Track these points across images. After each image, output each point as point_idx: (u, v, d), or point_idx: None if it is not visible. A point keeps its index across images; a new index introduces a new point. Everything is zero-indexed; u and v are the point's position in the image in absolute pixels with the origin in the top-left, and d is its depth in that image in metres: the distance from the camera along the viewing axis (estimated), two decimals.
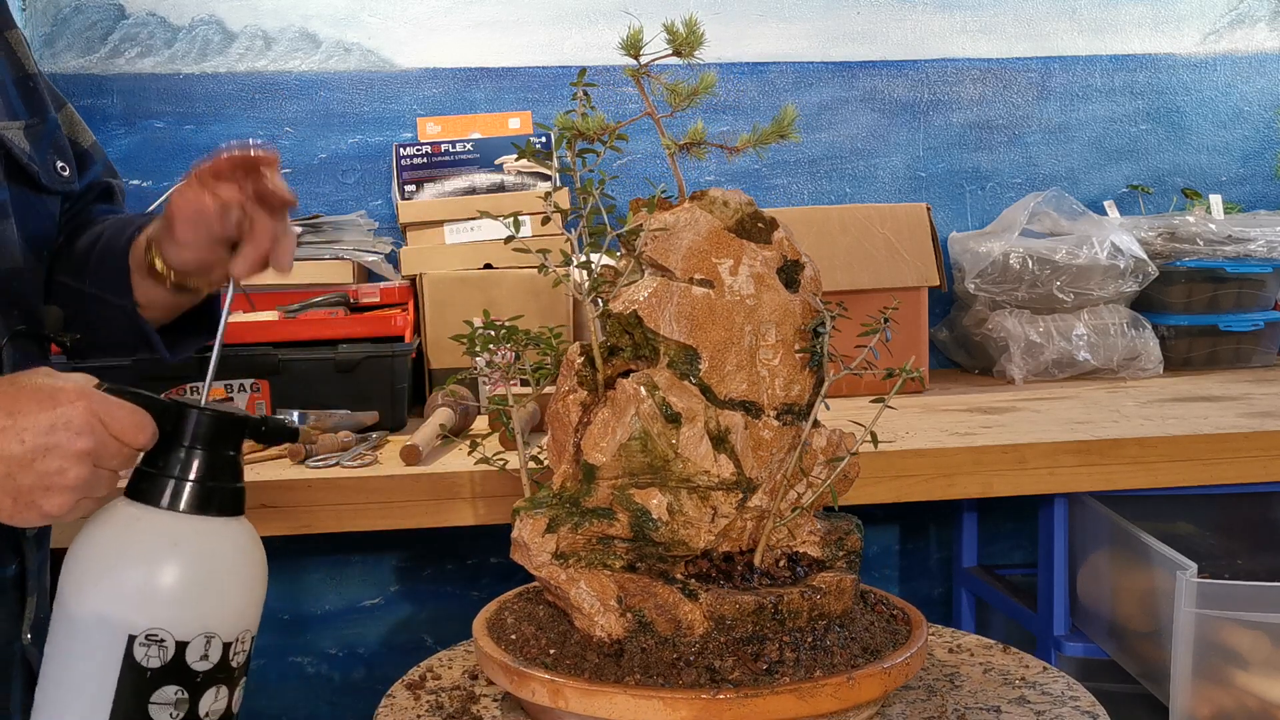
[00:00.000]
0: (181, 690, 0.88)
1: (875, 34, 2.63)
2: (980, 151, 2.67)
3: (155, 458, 0.92)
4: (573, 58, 2.47)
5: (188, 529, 0.90)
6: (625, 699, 0.98)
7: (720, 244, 1.10)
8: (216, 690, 0.91)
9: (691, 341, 1.08)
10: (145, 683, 0.87)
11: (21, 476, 0.88)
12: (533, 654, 1.08)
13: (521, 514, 1.10)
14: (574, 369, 1.12)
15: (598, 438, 1.07)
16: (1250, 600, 1.64)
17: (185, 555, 0.90)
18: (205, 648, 0.89)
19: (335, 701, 2.47)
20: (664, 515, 1.06)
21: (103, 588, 0.89)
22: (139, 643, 0.87)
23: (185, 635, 0.88)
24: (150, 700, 0.87)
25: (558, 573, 1.08)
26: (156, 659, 0.87)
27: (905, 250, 2.23)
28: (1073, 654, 1.91)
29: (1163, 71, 2.72)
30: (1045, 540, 1.92)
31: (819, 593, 1.10)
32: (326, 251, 2.12)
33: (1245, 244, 2.39)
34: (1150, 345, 2.37)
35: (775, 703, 0.97)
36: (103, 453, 0.89)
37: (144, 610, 0.88)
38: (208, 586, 0.90)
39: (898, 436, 1.75)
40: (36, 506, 0.88)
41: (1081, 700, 1.16)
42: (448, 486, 1.57)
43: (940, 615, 2.51)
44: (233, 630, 0.91)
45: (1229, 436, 1.75)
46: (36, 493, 0.88)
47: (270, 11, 2.45)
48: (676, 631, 1.05)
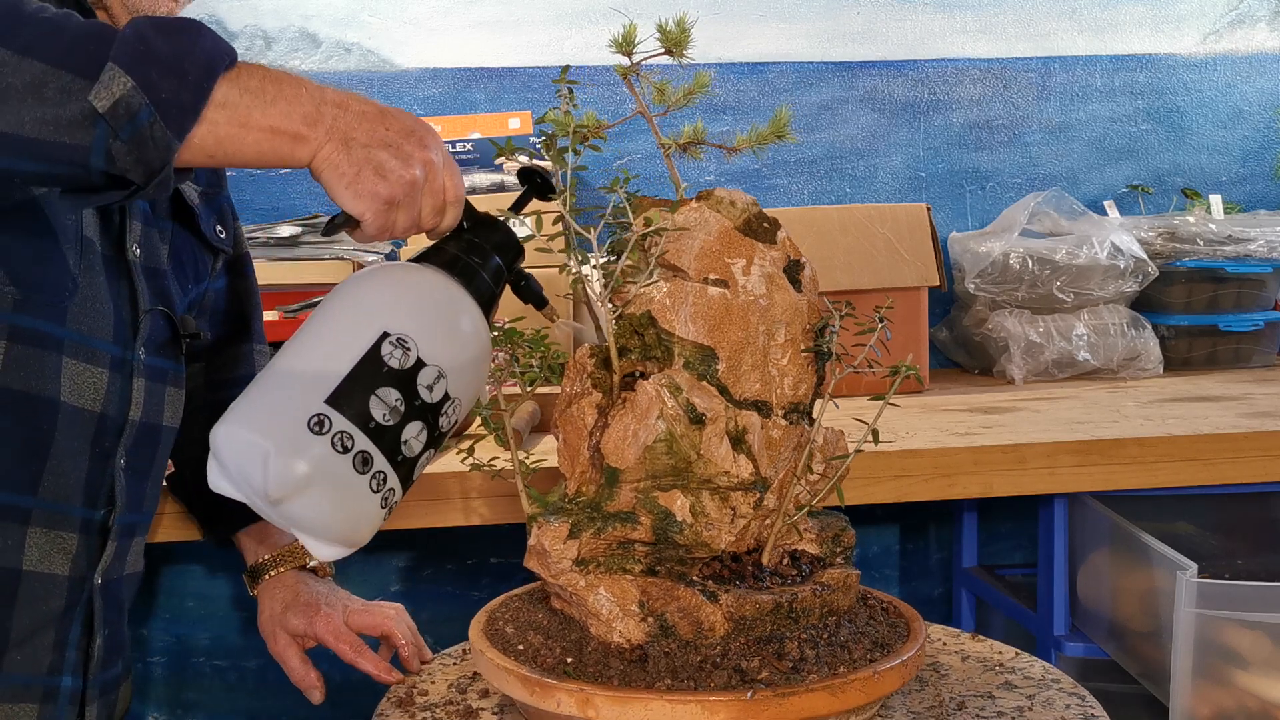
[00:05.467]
0: (401, 400, 0.95)
1: (875, 34, 2.63)
2: (980, 151, 2.67)
3: (469, 245, 1.04)
4: (573, 58, 2.47)
5: (469, 304, 1.02)
6: (661, 705, 0.97)
7: (732, 244, 1.10)
8: (421, 428, 0.97)
9: (709, 342, 1.07)
10: (379, 375, 0.95)
11: (369, 151, 0.96)
12: (549, 664, 1.05)
13: (539, 521, 1.07)
14: (586, 371, 1.10)
15: (620, 441, 1.05)
16: (1250, 600, 1.64)
17: (466, 320, 1.01)
18: (433, 381, 0.97)
19: (335, 701, 2.46)
20: (688, 517, 1.05)
21: (379, 292, 1.00)
22: (389, 341, 0.95)
23: (426, 358, 0.97)
24: (375, 392, 0.94)
25: (576, 580, 1.05)
26: (396, 361, 0.95)
27: (905, 250, 2.23)
28: (1073, 654, 1.91)
29: (1163, 71, 2.72)
30: (1045, 540, 1.92)
31: (828, 589, 1.10)
32: (326, 251, 2.11)
33: (1245, 244, 2.39)
34: (1150, 345, 2.37)
35: (809, 700, 0.98)
36: (433, 183, 0.99)
37: (406, 322, 0.97)
38: (462, 345, 1.00)
39: (898, 436, 1.75)
40: (365, 180, 0.95)
41: (1063, 682, 1.20)
42: (447, 487, 1.57)
43: (940, 615, 2.51)
44: (456, 389, 0.99)
45: (1229, 436, 1.75)
46: (371, 168, 0.96)
47: (270, 11, 2.45)
48: (698, 634, 1.04)
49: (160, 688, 2.39)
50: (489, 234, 1.05)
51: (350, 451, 0.93)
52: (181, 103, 0.90)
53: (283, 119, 0.93)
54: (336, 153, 0.95)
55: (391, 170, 0.96)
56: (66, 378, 1.13)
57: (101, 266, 1.16)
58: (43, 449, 1.12)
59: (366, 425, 0.94)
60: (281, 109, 0.93)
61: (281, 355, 0.98)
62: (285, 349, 0.98)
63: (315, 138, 0.94)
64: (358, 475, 0.94)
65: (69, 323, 1.12)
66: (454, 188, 1.01)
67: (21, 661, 1.13)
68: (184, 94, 0.90)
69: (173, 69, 0.89)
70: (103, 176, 0.91)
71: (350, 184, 0.95)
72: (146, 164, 0.90)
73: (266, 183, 2.44)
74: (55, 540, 1.15)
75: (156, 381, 1.24)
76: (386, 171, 0.96)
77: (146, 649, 2.39)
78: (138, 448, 1.23)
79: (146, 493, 1.27)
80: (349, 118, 0.96)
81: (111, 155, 0.89)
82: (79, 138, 0.88)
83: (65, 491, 1.15)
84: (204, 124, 0.91)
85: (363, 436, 0.93)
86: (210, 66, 0.91)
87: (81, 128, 0.88)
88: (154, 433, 1.25)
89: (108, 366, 1.17)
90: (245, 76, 0.93)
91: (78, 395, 1.14)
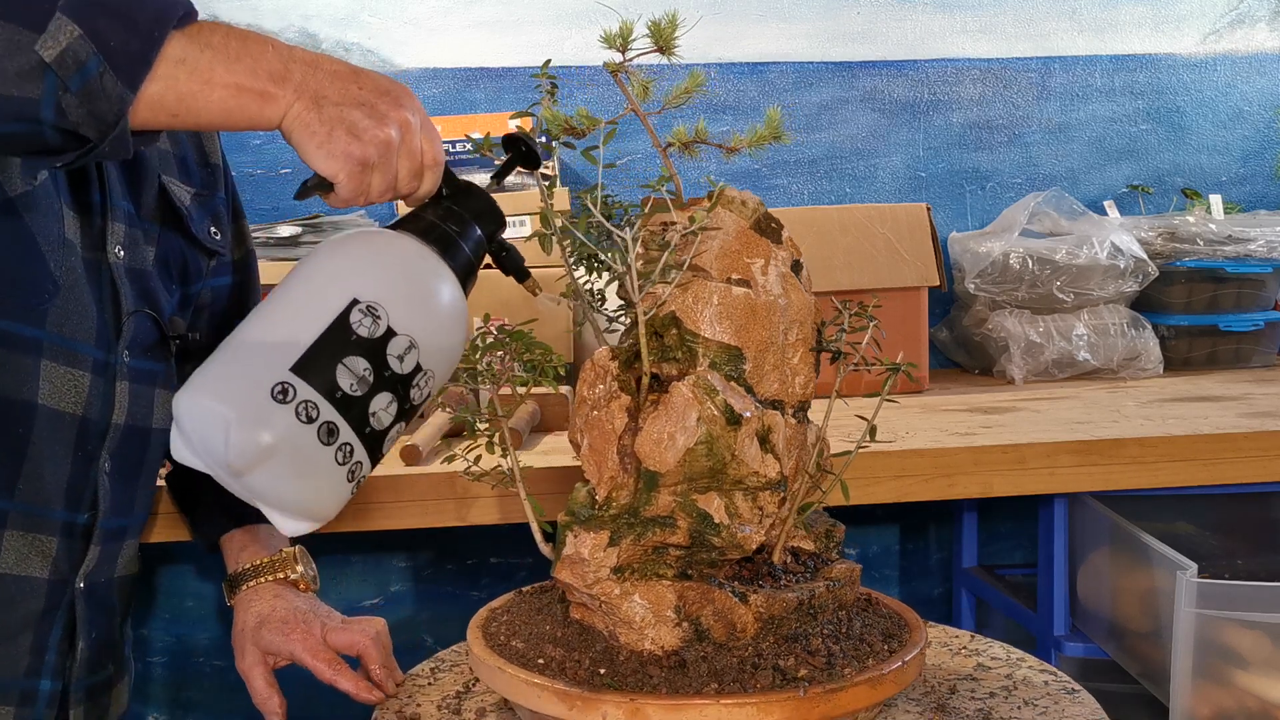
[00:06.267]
0: (370, 371, 0.92)
1: (875, 34, 2.63)
2: (980, 151, 2.67)
3: (447, 212, 1.00)
4: (573, 58, 2.46)
5: (445, 273, 0.98)
6: (718, 709, 0.96)
7: (749, 244, 1.09)
8: (391, 399, 0.94)
9: (737, 342, 1.06)
10: (348, 344, 0.91)
11: (342, 109, 0.92)
12: (581, 676, 1.02)
13: (575, 529, 1.05)
14: (612, 374, 1.08)
15: (657, 444, 1.03)
16: (1250, 600, 1.64)
17: (443, 290, 0.97)
18: (404, 351, 0.94)
19: (335, 701, 2.46)
20: (725, 519, 1.04)
21: (351, 258, 0.96)
22: (359, 308, 0.92)
23: (397, 328, 0.93)
24: (342, 360, 0.91)
25: (611, 588, 1.03)
26: (365, 330, 0.92)
27: (905, 250, 2.23)
28: (1073, 654, 1.91)
29: (1163, 71, 2.72)
30: (1045, 540, 1.92)
31: (839, 584, 1.12)
32: None
33: (1245, 244, 2.39)
34: (1150, 345, 2.37)
35: (853, 694, 0.99)
36: (409, 144, 0.94)
37: (378, 289, 0.93)
38: (436, 315, 0.97)
39: (898, 436, 1.75)
40: (338, 140, 0.92)
41: (1029, 660, 1.24)
42: (448, 487, 1.57)
43: (940, 615, 2.51)
44: (429, 361, 0.96)
45: (1229, 436, 1.75)
46: (344, 128, 0.92)
47: (270, 11, 2.45)
48: (730, 636, 1.04)
49: (160, 688, 2.39)
50: (469, 202, 1.02)
51: (315, 422, 0.90)
52: (131, 51, 0.86)
53: (248, 76, 0.89)
54: (307, 111, 0.91)
55: (365, 129, 0.92)
56: (45, 381, 1.12)
57: (83, 269, 1.14)
58: (19, 452, 1.11)
59: (333, 395, 0.90)
60: (247, 65, 0.90)
61: (248, 322, 0.95)
62: (252, 315, 0.96)
63: (284, 96, 0.91)
64: (323, 447, 0.91)
65: (49, 325, 1.11)
66: (432, 151, 0.97)
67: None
68: (133, 42, 0.86)
69: (120, 16, 0.86)
70: (56, 132, 0.88)
71: (322, 144, 0.92)
72: (99, 117, 0.87)
73: (266, 183, 2.44)
74: (33, 543, 1.14)
75: (144, 384, 1.22)
76: (360, 131, 0.92)
77: (146, 649, 2.39)
78: (124, 451, 1.21)
79: (137, 495, 1.26)
80: (320, 76, 0.92)
81: (62, 108, 0.86)
82: (28, 90, 0.85)
83: (44, 494, 1.14)
84: (162, 80, 0.88)
85: (329, 406, 0.90)
86: (160, 16, 0.88)
87: (30, 80, 0.85)
88: (143, 435, 1.23)
89: (89, 370, 1.15)
90: (207, 33, 0.90)
91: (57, 398, 1.13)
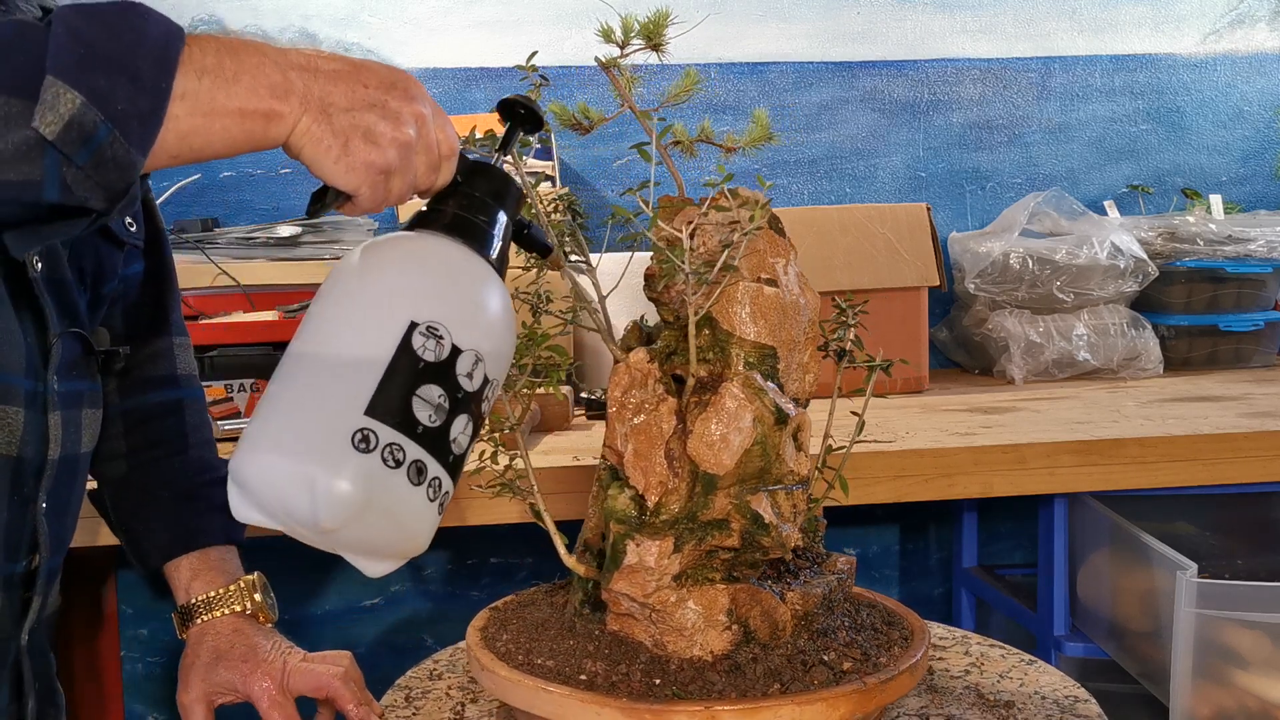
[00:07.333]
0: (444, 396, 0.84)
1: (875, 34, 2.63)
2: (980, 151, 2.67)
3: (469, 201, 0.92)
4: (572, 58, 2.46)
5: (488, 271, 0.90)
6: (791, 709, 0.96)
7: (772, 243, 1.08)
8: (467, 420, 0.87)
9: (772, 342, 1.06)
10: (417, 372, 0.83)
11: (354, 115, 0.83)
12: (637, 689, 0.99)
13: (635, 538, 1.02)
14: (655, 376, 1.06)
15: (711, 447, 1.02)
16: (1250, 600, 1.64)
17: (491, 290, 0.89)
18: (472, 367, 0.86)
19: None
20: (773, 519, 1.03)
21: (394, 275, 0.87)
22: (419, 331, 0.84)
23: (461, 344, 0.85)
24: (415, 392, 0.83)
25: (668, 596, 1.01)
26: (431, 353, 0.84)
27: (905, 250, 2.23)
28: (1073, 654, 1.91)
29: (1163, 71, 2.72)
30: (1045, 540, 1.92)
31: (845, 576, 1.13)
32: (326, 252, 2.12)
33: (1245, 244, 2.39)
34: (1150, 345, 2.37)
35: (900, 683, 1.02)
36: (426, 139, 0.87)
37: (433, 306, 0.85)
38: (493, 320, 0.89)
39: (898, 436, 1.75)
40: (355, 151, 0.83)
41: (1005, 648, 1.26)
42: None
43: (940, 615, 2.51)
44: (494, 370, 0.89)
45: (1229, 436, 1.75)
46: (359, 136, 0.83)
47: (270, 11, 2.45)
48: (772, 635, 1.04)
49: (160, 688, 2.39)
50: (486, 183, 0.94)
51: (403, 465, 0.82)
52: (141, 111, 0.76)
53: (249, 97, 0.80)
54: (316, 124, 0.82)
55: (383, 134, 0.84)
56: None
57: (6, 293, 1.02)
58: None
59: (414, 431, 0.83)
60: (246, 84, 0.80)
61: (296, 365, 0.86)
62: (297, 357, 0.86)
63: (289, 111, 0.81)
64: (414, 488, 0.83)
65: None
66: (447, 140, 0.89)
67: None
68: (141, 99, 0.76)
69: (120, 68, 0.75)
70: (57, 209, 0.78)
71: (339, 158, 0.83)
72: (108, 187, 0.77)
73: (266, 183, 2.44)
74: None
75: (72, 409, 1.09)
76: (377, 136, 0.83)
77: (147, 649, 2.39)
78: (58, 486, 1.08)
79: (68, 528, 1.14)
80: (321, 80, 0.83)
81: (67, 185, 0.75)
82: (27, 172, 0.74)
83: None
84: (163, 125, 0.78)
85: (413, 445, 0.83)
86: (164, 60, 0.77)
87: (28, 160, 0.74)
88: (74, 464, 1.11)
89: (22, 404, 1.03)
90: (199, 55, 0.79)
91: None
